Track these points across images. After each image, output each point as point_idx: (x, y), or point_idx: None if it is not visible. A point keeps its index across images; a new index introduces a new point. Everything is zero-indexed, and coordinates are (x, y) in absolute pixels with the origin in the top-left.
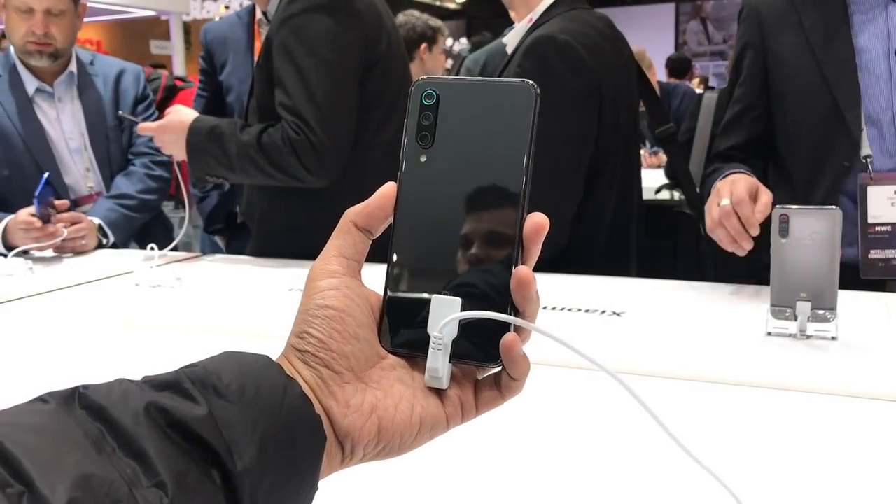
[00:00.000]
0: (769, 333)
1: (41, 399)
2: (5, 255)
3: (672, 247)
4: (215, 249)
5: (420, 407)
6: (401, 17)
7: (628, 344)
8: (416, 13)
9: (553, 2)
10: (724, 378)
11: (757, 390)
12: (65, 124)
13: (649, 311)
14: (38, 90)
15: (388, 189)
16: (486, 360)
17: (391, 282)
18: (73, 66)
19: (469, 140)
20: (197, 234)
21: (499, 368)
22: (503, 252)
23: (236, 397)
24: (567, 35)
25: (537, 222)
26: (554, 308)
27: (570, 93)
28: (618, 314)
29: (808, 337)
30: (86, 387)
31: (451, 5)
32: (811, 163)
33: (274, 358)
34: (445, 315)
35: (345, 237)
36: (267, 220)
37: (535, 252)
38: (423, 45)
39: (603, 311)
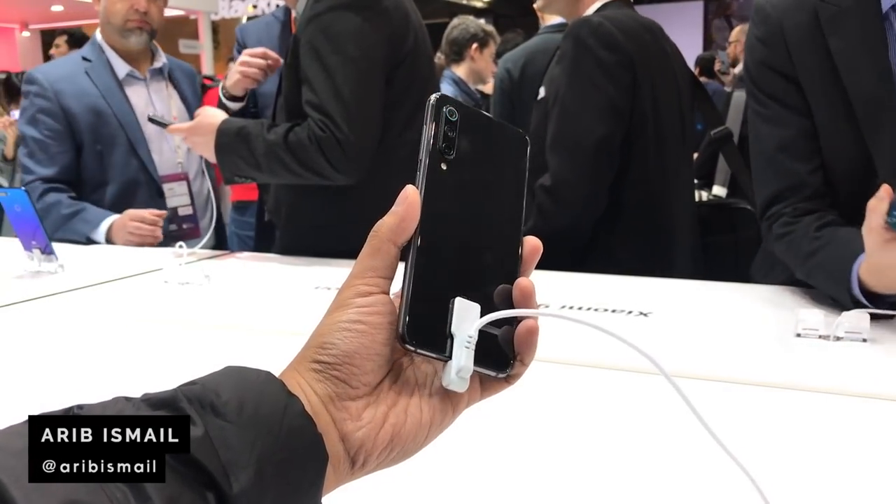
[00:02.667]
0: (798, 335)
1: None
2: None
3: (733, 243)
4: (243, 247)
5: (427, 406)
6: (455, 20)
7: (655, 344)
8: (471, 17)
9: (601, 5)
10: (753, 379)
11: (786, 392)
12: (156, 105)
13: (677, 311)
14: (128, 74)
15: (414, 198)
16: (496, 368)
17: (413, 283)
18: (164, 59)
19: (481, 162)
20: (225, 231)
21: (503, 377)
22: (508, 266)
23: (235, 416)
24: (601, 18)
25: (536, 245)
26: (580, 308)
27: (603, 65)
28: (645, 314)
29: (839, 339)
30: (80, 406)
31: (478, 4)
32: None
33: (279, 371)
34: (468, 318)
35: (384, 258)
36: (294, 217)
37: (531, 271)
38: (475, 46)
39: (630, 312)
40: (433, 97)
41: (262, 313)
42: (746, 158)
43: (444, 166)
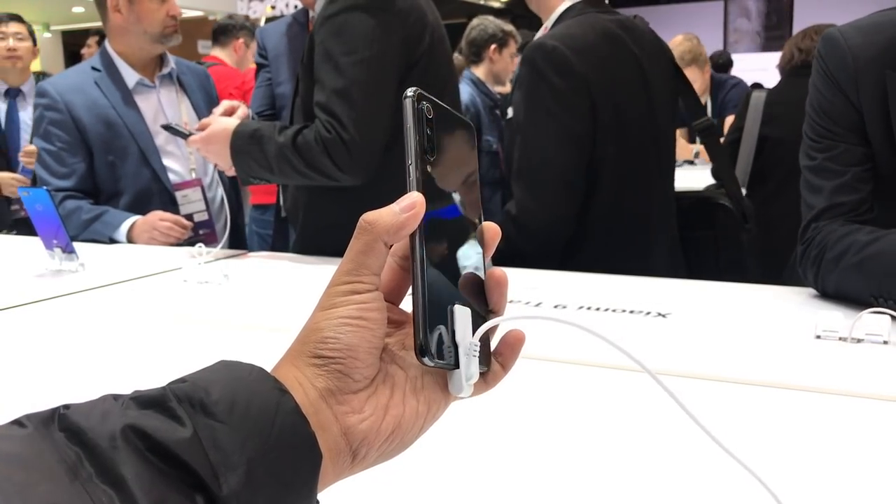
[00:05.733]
0: (818, 336)
1: (18, 422)
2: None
3: (713, 238)
4: (263, 245)
5: (423, 396)
6: (475, 21)
7: (674, 345)
8: (491, 18)
9: (565, 9)
10: (772, 381)
11: (806, 394)
12: (167, 111)
13: (695, 312)
14: (138, 83)
15: (421, 210)
16: (483, 366)
17: (426, 298)
18: (172, 64)
19: (451, 156)
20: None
21: (484, 370)
22: (479, 260)
23: (225, 415)
24: (555, 40)
25: (496, 230)
26: (598, 309)
27: (559, 93)
28: (663, 315)
29: (859, 341)
30: (67, 406)
31: (495, 4)
32: None
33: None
34: (465, 324)
35: (377, 256)
36: (311, 217)
37: (490, 255)
38: (493, 47)
39: (648, 313)
40: (410, 92)
41: (281, 312)
42: (764, 157)
43: (429, 168)
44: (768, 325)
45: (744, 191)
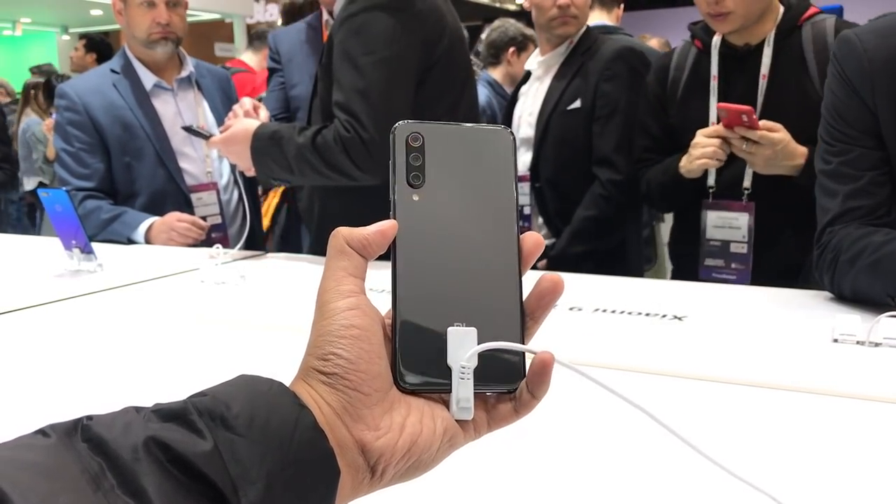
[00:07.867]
0: (835, 340)
1: (42, 432)
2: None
3: None
4: (277, 246)
5: (441, 419)
6: (496, 23)
7: (690, 348)
8: (512, 21)
9: (586, 29)
10: (789, 385)
11: (823, 398)
12: (184, 114)
13: (711, 315)
14: (155, 85)
15: (389, 230)
16: (505, 386)
17: (402, 322)
18: (191, 67)
19: (457, 178)
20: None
21: (512, 392)
22: (506, 277)
23: (245, 429)
24: (639, 47)
25: (538, 241)
26: (614, 311)
27: (648, 87)
28: (679, 318)
29: (877, 344)
30: (90, 417)
31: (511, 7)
32: None
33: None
34: (463, 346)
35: (349, 259)
36: (326, 218)
37: (530, 265)
38: (512, 49)
39: (664, 315)
40: (394, 127)
41: (298, 313)
42: None
43: (416, 197)
44: (785, 328)
45: None
